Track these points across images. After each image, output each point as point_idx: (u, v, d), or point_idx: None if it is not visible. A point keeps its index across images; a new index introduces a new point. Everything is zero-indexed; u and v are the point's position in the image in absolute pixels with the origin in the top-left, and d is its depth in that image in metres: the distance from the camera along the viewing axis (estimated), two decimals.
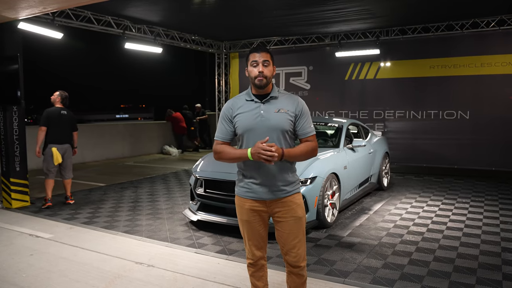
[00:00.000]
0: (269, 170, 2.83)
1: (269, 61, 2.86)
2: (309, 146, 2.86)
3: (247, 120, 2.86)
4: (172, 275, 4.18)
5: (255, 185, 2.88)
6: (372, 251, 4.82)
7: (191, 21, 10.64)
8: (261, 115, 2.84)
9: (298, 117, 2.88)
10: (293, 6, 8.83)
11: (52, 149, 6.90)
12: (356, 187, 6.93)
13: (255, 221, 2.94)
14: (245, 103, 2.92)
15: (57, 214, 6.55)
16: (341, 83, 11.51)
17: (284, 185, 2.87)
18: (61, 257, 4.73)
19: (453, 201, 7.31)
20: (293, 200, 2.90)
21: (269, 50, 2.92)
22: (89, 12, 9.36)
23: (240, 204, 2.98)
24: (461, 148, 10.16)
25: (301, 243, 2.92)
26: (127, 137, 14.38)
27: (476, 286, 3.83)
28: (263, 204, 2.89)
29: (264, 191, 2.86)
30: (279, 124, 2.83)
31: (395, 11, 9.38)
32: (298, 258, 2.91)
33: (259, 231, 2.97)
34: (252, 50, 2.90)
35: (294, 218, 2.88)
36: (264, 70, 2.83)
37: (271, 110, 2.85)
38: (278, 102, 2.88)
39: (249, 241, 3.02)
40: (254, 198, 2.89)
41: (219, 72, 14.30)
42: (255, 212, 2.92)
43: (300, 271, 2.95)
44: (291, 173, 2.91)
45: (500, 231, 5.52)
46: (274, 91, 2.91)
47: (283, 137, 2.84)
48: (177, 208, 6.93)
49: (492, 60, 9.74)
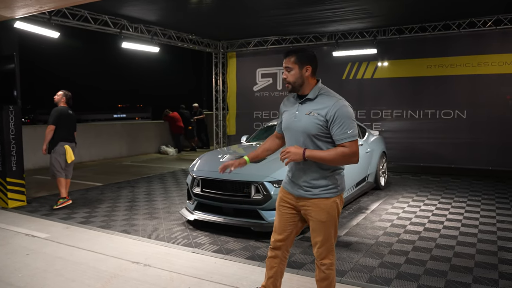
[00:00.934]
0: (299, 168, 2.95)
1: (292, 66, 2.91)
2: (340, 151, 2.76)
3: (287, 118, 3.04)
4: (169, 274, 4.18)
5: (290, 178, 3.07)
6: (369, 250, 4.82)
7: (188, 21, 10.62)
8: (295, 116, 2.95)
9: (331, 122, 2.79)
10: (290, 6, 8.83)
11: (65, 146, 6.90)
12: (353, 186, 6.93)
13: (283, 210, 3.09)
14: (291, 101, 3.09)
15: (54, 214, 6.53)
16: (339, 83, 11.49)
17: (310, 186, 2.92)
18: (58, 256, 4.71)
19: (450, 200, 7.32)
20: (318, 203, 2.91)
21: (294, 52, 2.94)
22: (86, 11, 9.33)
23: (279, 192, 3.18)
24: (458, 148, 10.17)
25: (322, 243, 2.96)
26: (125, 137, 14.36)
27: (472, 285, 3.83)
28: (293, 197, 3.03)
29: (292, 186, 3.03)
30: (306, 127, 2.86)
31: (392, 10, 9.39)
32: (319, 254, 2.99)
33: (284, 219, 3.09)
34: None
35: (317, 220, 2.93)
36: (287, 76, 2.95)
37: (304, 112, 2.90)
38: (313, 104, 2.91)
39: (275, 226, 3.16)
40: (287, 189, 3.09)
41: (216, 71, 14.29)
42: (285, 201, 3.09)
43: (322, 267, 3.01)
44: (322, 177, 2.90)
45: (496, 230, 5.53)
46: (313, 93, 2.93)
47: (310, 140, 2.86)
48: (174, 208, 6.92)
49: (489, 59, 9.75)
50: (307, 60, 2.92)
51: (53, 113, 6.90)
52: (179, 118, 15.42)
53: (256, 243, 5.08)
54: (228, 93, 14.06)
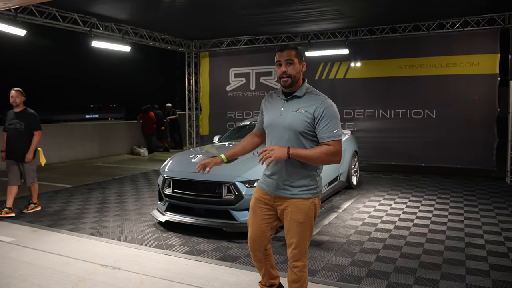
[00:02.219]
0: (279, 167, 2.89)
1: (293, 60, 2.86)
2: (324, 149, 2.74)
3: (270, 116, 2.97)
4: (138, 277, 4.10)
5: (267, 178, 3.01)
6: (340, 249, 4.85)
7: (160, 20, 10.49)
8: (281, 113, 2.89)
9: (318, 119, 2.79)
10: (262, 6, 8.83)
11: (39, 149, 6.69)
12: (326, 185, 6.97)
13: (258, 211, 3.04)
14: (275, 99, 3.02)
15: (20, 217, 6.34)
16: (312, 83, 11.21)
17: (290, 186, 2.88)
18: (23, 261, 4.57)
19: (420, 198, 7.45)
20: (296, 203, 2.88)
21: (295, 47, 2.91)
22: (54, 9, 9.10)
23: (254, 192, 3.12)
24: (428, 147, 10.36)
25: (297, 245, 2.92)
26: (96, 137, 14.10)
27: (441, 282, 3.89)
28: (270, 197, 2.98)
29: (270, 185, 2.97)
30: (292, 124, 2.82)
31: (364, 11, 9.49)
32: (293, 256, 2.95)
33: (261, 218, 3.03)
34: (277, 50, 2.93)
35: (293, 220, 2.89)
36: (287, 69, 2.86)
37: (290, 109, 2.86)
38: (300, 101, 2.88)
39: (251, 227, 3.10)
40: (263, 189, 3.03)
41: (189, 71, 14.17)
42: (261, 202, 3.03)
43: (294, 269, 2.97)
44: (302, 176, 2.87)
45: (464, 227, 5.65)
46: (301, 90, 2.91)
47: (296, 138, 2.83)
48: (146, 209, 6.82)
49: (457, 60, 9.97)
50: (302, 58, 2.97)
51: (37, 117, 6.58)
52: (154, 119, 15.25)
53: (228, 244, 5.04)
54: (201, 93, 13.96)
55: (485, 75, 9.68)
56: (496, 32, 9.53)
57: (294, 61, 2.86)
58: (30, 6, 8.59)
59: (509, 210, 6.59)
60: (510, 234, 5.33)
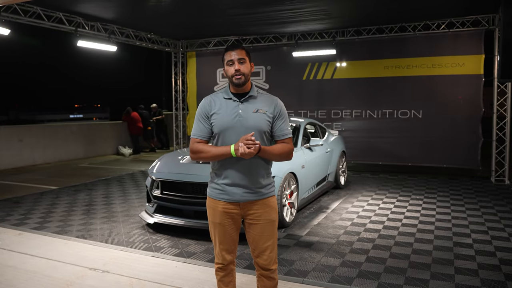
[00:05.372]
0: (243, 170, 2.77)
1: (245, 58, 2.81)
2: (285, 147, 2.84)
3: (225, 119, 2.79)
4: (128, 280, 4.05)
5: (228, 186, 2.80)
6: (330, 249, 4.86)
7: (146, 19, 10.39)
8: (240, 115, 2.79)
9: (276, 118, 2.85)
10: (250, 6, 8.80)
11: None
12: (314, 186, 6.98)
13: (228, 224, 2.84)
14: (223, 102, 2.84)
15: (5, 220, 6.23)
16: (299, 83, 11.58)
17: (259, 187, 2.82)
18: (8, 265, 4.48)
19: (408, 198, 7.51)
20: (268, 203, 2.85)
21: (244, 47, 2.85)
22: (39, 8, 8.95)
23: (213, 206, 2.86)
24: (415, 146, 10.45)
25: (273, 246, 2.88)
26: (81, 138, 13.92)
27: (430, 282, 3.92)
28: (237, 206, 2.82)
29: (239, 193, 2.79)
30: (257, 124, 2.78)
31: (351, 12, 9.53)
32: (270, 261, 2.86)
33: (231, 234, 2.88)
34: (226, 49, 2.84)
35: (267, 221, 2.84)
36: (240, 68, 2.77)
37: (250, 110, 2.80)
38: (257, 102, 2.84)
39: (220, 245, 2.90)
40: (227, 200, 2.81)
41: (176, 71, 14.08)
42: (228, 214, 2.83)
43: (271, 274, 2.90)
44: (266, 174, 2.87)
45: (452, 226, 5.71)
46: (253, 90, 2.87)
47: (261, 137, 2.80)
48: (133, 211, 6.75)
49: (442, 61, 10.07)
50: (251, 58, 2.92)
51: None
52: (139, 119, 15.12)
53: None
54: (188, 93, 13.88)
55: (470, 76, 9.79)
56: (480, 33, 9.65)
57: (246, 59, 2.82)
58: (14, 4, 8.44)
59: (494, 209, 6.68)
60: (497, 233, 5.41)
